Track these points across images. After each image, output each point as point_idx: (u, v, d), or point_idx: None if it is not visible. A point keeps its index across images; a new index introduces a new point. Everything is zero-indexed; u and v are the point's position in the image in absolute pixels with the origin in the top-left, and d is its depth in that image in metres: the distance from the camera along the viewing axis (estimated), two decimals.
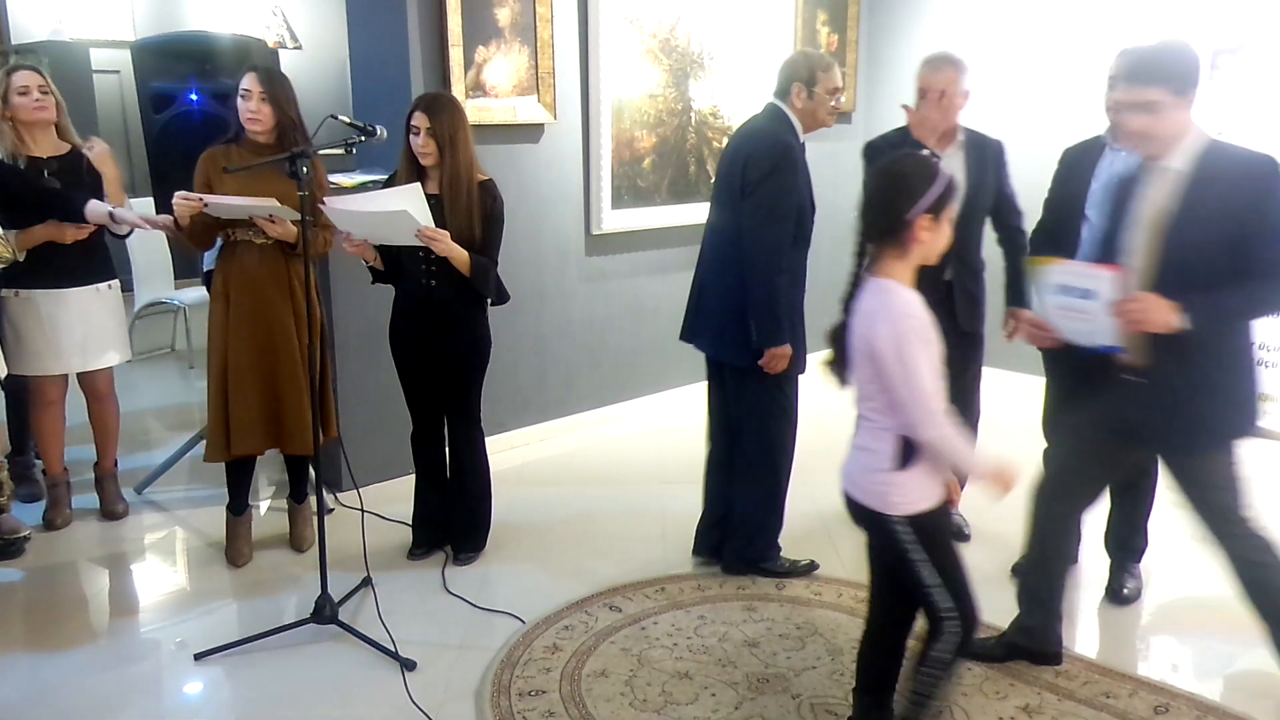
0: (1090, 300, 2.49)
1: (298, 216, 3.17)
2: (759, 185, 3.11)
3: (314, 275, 3.44)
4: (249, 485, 3.66)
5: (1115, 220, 2.59)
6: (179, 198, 3.20)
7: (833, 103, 3.26)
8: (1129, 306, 2.39)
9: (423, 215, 3.07)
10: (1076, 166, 3.17)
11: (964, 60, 3.44)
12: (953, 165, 3.48)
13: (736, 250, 3.18)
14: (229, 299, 3.39)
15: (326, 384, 3.53)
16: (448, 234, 3.14)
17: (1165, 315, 2.34)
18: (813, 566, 3.45)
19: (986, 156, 3.51)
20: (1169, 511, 3.72)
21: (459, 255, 3.19)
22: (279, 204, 3.16)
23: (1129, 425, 2.59)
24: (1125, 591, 3.28)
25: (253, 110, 3.25)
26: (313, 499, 3.71)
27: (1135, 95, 2.38)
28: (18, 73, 3.52)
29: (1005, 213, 3.59)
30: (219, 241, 3.43)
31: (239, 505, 3.62)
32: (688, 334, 3.48)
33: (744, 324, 3.17)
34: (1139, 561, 3.37)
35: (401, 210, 3.01)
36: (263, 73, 3.30)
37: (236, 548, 3.60)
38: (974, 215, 3.46)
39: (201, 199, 3.19)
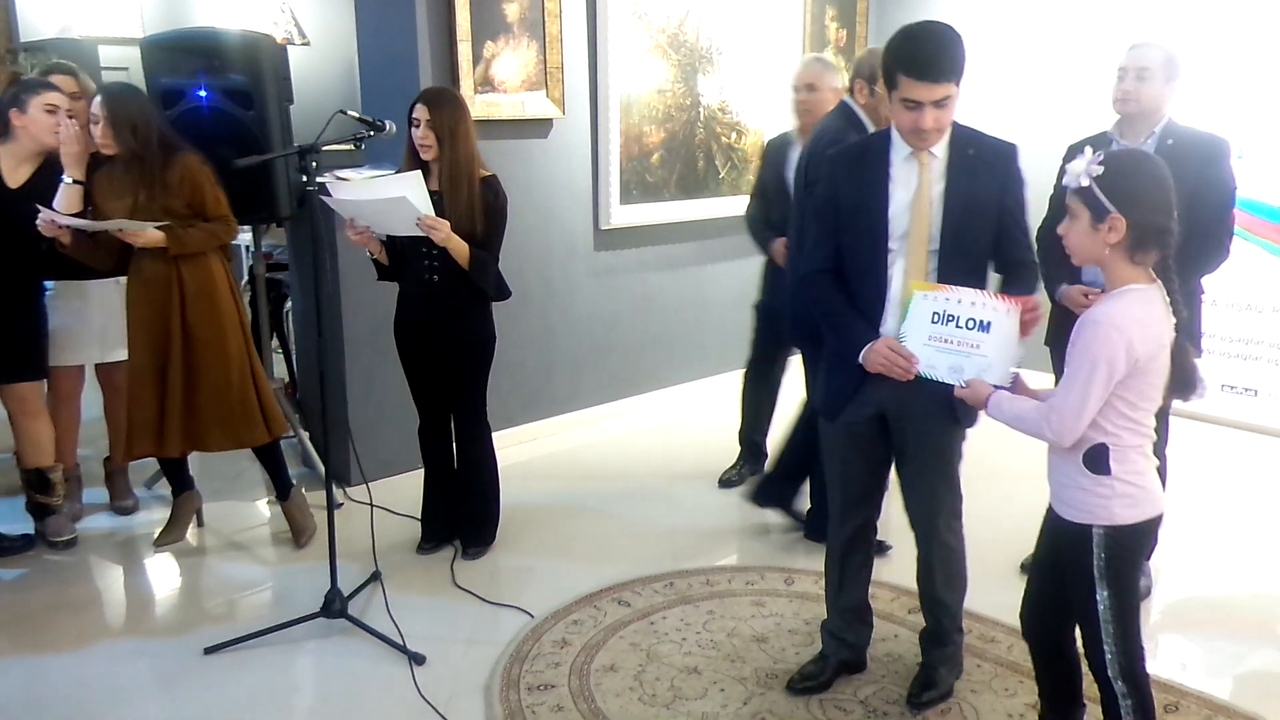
0: (983, 332, 2.24)
1: (146, 227, 3.20)
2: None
3: (229, 271, 3.49)
4: (180, 470, 3.71)
5: (876, 210, 2.44)
6: (39, 224, 3.21)
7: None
8: (1034, 313, 2.28)
9: (423, 203, 3.08)
10: None
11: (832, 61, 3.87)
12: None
13: None
14: (129, 308, 3.43)
15: (261, 381, 3.54)
16: (448, 224, 3.14)
17: None
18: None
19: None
20: (1177, 510, 3.72)
21: (459, 247, 3.19)
22: (120, 222, 3.19)
23: (885, 413, 2.53)
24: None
25: (99, 138, 3.27)
26: (305, 494, 3.79)
27: (938, 92, 2.28)
28: (52, 76, 3.54)
29: None
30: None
31: (177, 487, 3.73)
32: None
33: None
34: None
35: (400, 197, 3.02)
36: (105, 96, 3.27)
37: (168, 529, 3.71)
38: None
39: (55, 222, 3.20)
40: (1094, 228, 2.01)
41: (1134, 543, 2.12)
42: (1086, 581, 2.12)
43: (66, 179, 3.35)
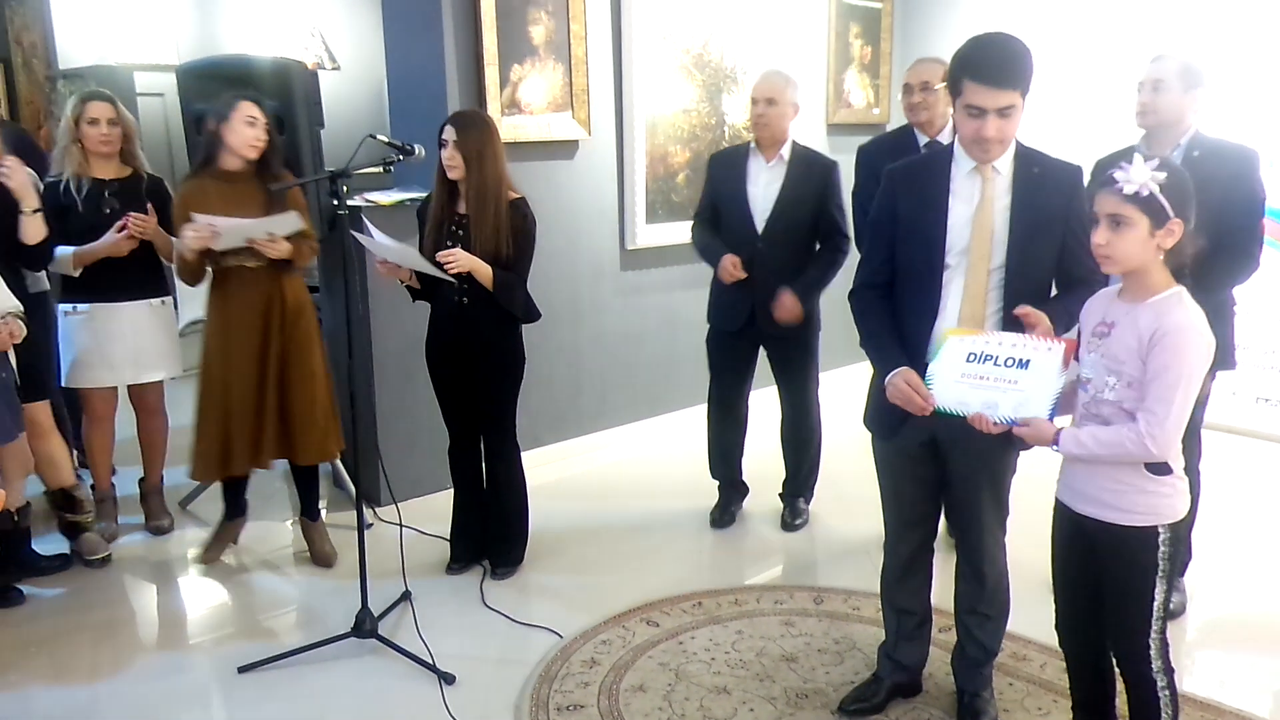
0: (1021, 369, 2.23)
1: (302, 227, 3.28)
2: None
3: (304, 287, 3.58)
4: (242, 493, 3.77)
5: (934, 223, 2.40)
6: (190, 230, 3.23)
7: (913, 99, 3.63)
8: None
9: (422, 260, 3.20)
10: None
11: (792, 76, 3.80)
12: (774, 175, 3.75)
13: None
14: (231, 325, 3.45)
15: (332, 396, 3.62)
16: (460, 250, 3.19)
17: None
18: None
19: (810, 174, 3.75)
20: (1212, 525, 3.67)
21: (481, 270, 3.22)
22: (294, 218, 3.25)
23: (937, 438, 2.49)
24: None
25: (262, 137, 3.36)
26: (330, 515, 3.84)
27: (1001, 99, 2.27)
28: (91, 102, 3.64)
29: (829, 233, 3.79)
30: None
31: (233, 511, 3.76)
32: None
33: None
34: (1183, 575, 3.31)
35: (406, 246, 3.15)
36: (264, 102, 3.39)
37: (211, 546, 3.74)
38: (788, 229, 3.75)
39: (213, 228, 3.23)
40: (1152, 234, 2.03)
41: (1187, 533, 2.18)
42: (1148, 581, 2.15)
43: (26, 209, 3.43)
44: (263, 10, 7.65)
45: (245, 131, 3.35)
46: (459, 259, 3.17)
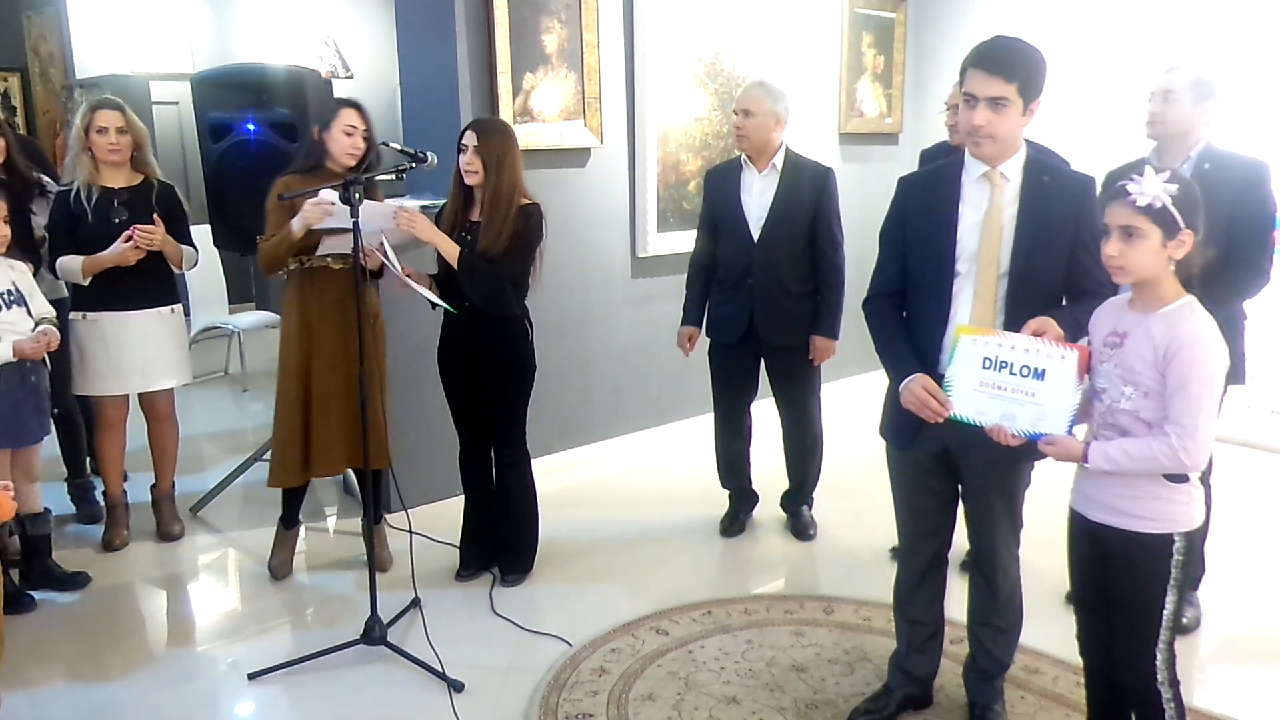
0: (1037, 380, 2.18)
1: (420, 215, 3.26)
2: None
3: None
4: (302, 501, 3.73)
5: (944, 229, 2.40)
6: (312, 202, 3.17)
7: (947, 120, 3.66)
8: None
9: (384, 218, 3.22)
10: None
11: (777, 87, 3.72)
12: (767, 184, 3.70)
13: None
14: (311, 326, 3.44)
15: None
16: (421, 216, 3.22)
17: None
18: None
19: (804, 180, 3.72)
20: (1226, 538, 3.64)
21: (445, 246, 3.22)
22: (413, 207, 3.24)
23: (949, 449, 2.49)
24: (1184, 620, 3.19)
25: (359, 146, 3.37)
26: (340, 521, 3.86)
27: (992, 87, 2.25)
28: (100, 111, 3.66)
29: (820, 240, 3.76)
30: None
31: (291, 519, 3.71)
32: None
33: None
34: (1196, 589, 3.29)
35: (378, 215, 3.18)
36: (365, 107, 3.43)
37: (282, 559, 3.69)
38: (785, 236, 3.71)
39: (334, 205, 3.17)
40: (1163, 245, 2.04)
41: (1201, 542, 2.17)
42: (1159, 589, 2.14)
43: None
44: (277, 19, 7.72)
45: (343, 140, 3.36)
46: (416, 224, 3.18)
